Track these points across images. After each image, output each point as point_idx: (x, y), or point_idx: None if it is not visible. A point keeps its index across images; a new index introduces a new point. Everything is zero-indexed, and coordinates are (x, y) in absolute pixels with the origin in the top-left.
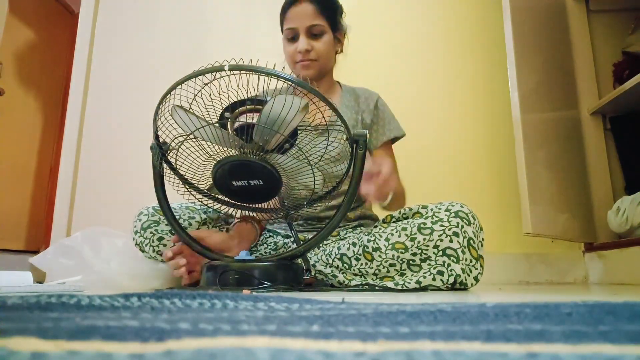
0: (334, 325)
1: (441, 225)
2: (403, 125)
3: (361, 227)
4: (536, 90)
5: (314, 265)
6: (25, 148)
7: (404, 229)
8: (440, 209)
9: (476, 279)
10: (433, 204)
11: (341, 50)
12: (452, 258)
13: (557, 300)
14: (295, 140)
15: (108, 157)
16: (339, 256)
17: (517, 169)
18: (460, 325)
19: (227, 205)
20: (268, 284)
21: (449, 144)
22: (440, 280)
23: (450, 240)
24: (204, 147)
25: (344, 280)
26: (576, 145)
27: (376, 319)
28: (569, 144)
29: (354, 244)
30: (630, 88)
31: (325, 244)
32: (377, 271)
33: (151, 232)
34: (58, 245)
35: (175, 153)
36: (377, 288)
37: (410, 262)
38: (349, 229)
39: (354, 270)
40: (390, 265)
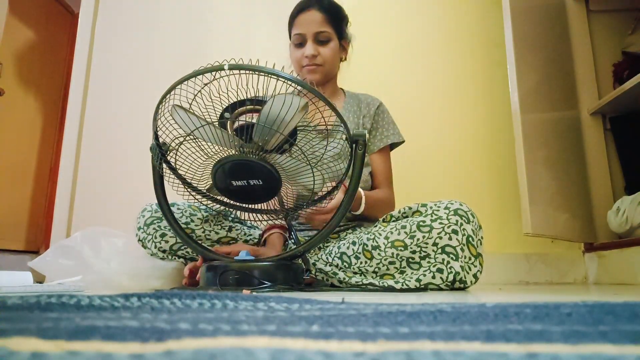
0: (333, 326)
1: (440, 223)
2: (403, 126)
3: (361, 227)
4: (536, 90)
5: (314, 264)
6: (25, 148)
7: (403, 227)
8: (439, 207)
9: (475, 276)
10: (432, 202)
11: (345, 58)
12: (452, 255)
13: (557, 301)
14: (295, 139)
15: (108, 157)
16: (338, 255)
17: (517, 169)
18: (460, 325)
19: (227, 207)
20: (268, 284)
21: (449, 144)
22: (440, 278)
23: (450, 238)
24: (203, 148)
25: (344, 278)
26: (576, 145)
27: (376, 319)
28: (569, 144)
29: (353, 243)
30: (630, 88)
31: (326, 245)
32: (377, 269)
33: (154, 229)
34: (57, 246)
35: (174, 153)
36: (377, 287)
37: (410, 260)
38: (349, 230)
39: (353, 268)
40: (390, 263)
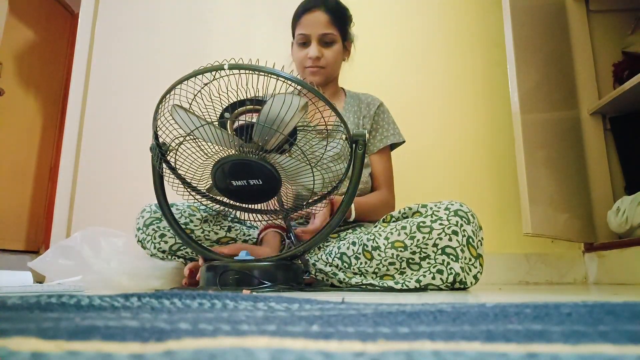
0: (333, 326)
1: (440, 224)
2: (403, 126)
3: (361, 228)
4: (536, 90)
5: (314, 264)
6: (25, 148)
7: (404, 227)
8: (439, 207)
9: (475, 277)
10: (432, 203)
11: (347, 59)
12: (452, 256)
13: (557, 300)
14: (295, 139)
15: (108, 157)
16: (338, 255)
17: (517, 169)
18: (460, 325)
19: (226, 207)
20: (268, 284)
21: (449, 144)
22: (440, 279)
23: (450, 239)
24: (203, 148)
25: (344, 279)
26: (576, 145)
27: (376, 319)
28: (569, 144)
29: (353, 243)
30: (630, 88)
31: (326, 245)
32: (377, 270)
33: (153, 229)
34: (57, 247)
35: (174, 153)
36: (377, 287)
37: (410, 261)
38: (349, 230)
39: (353, 269)
40: (390, 263)
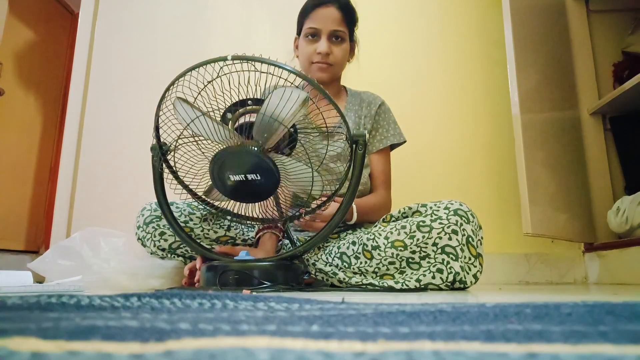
0: (333, 326)
1: (440, 223)
2: (403, 126)
3: (361, 228)
4: (536, 90)
5: (314, 264)
6: (25, 148)
7: (403, 227)
8: (439, 207)
9: (475, 276)
10: (432, 202)
11: (351, 61)
12: (451, 256)
13: (557, 300)
14: (296, 139)
15: (108, 157)
16: (338, 255)
17: (517, 169)
18: (460, 325)
19: (222, 213)
20: (268, 284)
21: (449, 144)
22: (440, 278)
23: (449, 238)
24: (203, 151)
25: (344, 279)
26: (576, 145)
27: (376, 319)
28: (569, 144)
29: (353, 243)
30: (630, 88)
31: (326, 245)
32: (377, 269)
33: (153, 227)
34: (56, 247)
35: (174, 154)
36: (377, 287)
37: (410, 260)
38: (349, 230)
39: (353, 268)
40: (390, 263)
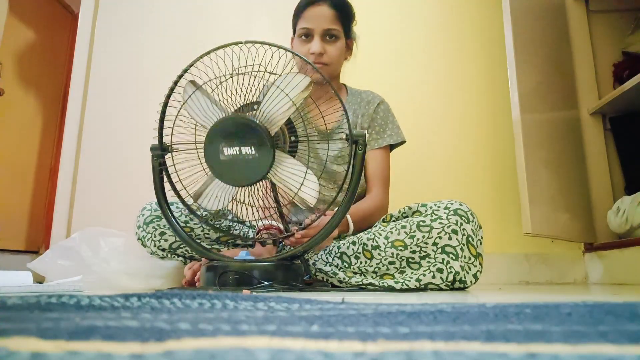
0: (333, 326)
1: (440, 223)
2: (403, 126)
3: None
4: (536, 90)
5: (314, 264)
6: (25, 148)
7: (403, 227)
8: (439, 207)
9: (475, 276)
10: (432, 202)
11: (349, 58)
12: (451, 255)
13: (557, 300)
14: (297, 141)
15: (108, 157)
16: (338, 255)
17: (517, 169)
18: (460, 325)
19: (219, 233)
20: (267, 284)
21: (449, 144)
22: (440, 277)
23: (449, 238)
24: (200, 159)
25: (344, 278)
26: (576, 145)
27: (376, 319)
28: (569, 144)
29: (353, 243)
30: (630, 88)
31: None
32: (377, 269)
33: (153, 227)
34: (56, 247)
35: (172, 155)
36: (377, 287)
37: (410, 260)
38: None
39: (353, 268)
40: (390, 263)
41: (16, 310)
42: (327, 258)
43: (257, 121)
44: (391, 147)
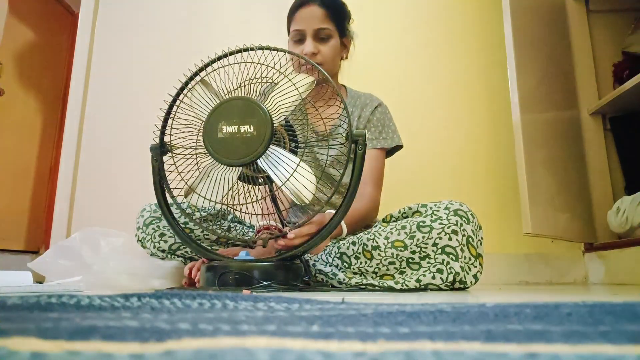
0: (333, 326)
1: (440, 224)
2: (403, 126)
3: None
4: (536, 90)
5: (314, 264)
6: (25, 148)
7: (403, 227)
8: (439, 207)
9: (475, 277)
10: (432, 203)
11: (347, 57)
12: (451, 256)
13: (557, 301)
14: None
15: (108, 157)
16: (338, 255)
17: (517, 169)
18: (460, 325)
19: (216, 236)
20: (267, 284)
21: (449, 144)
22: (440, 278)
23: (449, 238)
24: (197, 160)
25: (344, 279)
26: (576, 145)
27: (376, 319)
28: (569, 144)
29: (353, 243)
30: (630, 88)
31: (326, 245)
32: (377, 269)
33: (153, 228)
34: (56, 247)
35: (172, 155)
36: (377, 287)
37: (410, 260)
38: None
39: (353, 269)
40: (390, 263)
41: (16, 310)
42: (327, 258)
43: (264, 107)
44: (389, 153)
